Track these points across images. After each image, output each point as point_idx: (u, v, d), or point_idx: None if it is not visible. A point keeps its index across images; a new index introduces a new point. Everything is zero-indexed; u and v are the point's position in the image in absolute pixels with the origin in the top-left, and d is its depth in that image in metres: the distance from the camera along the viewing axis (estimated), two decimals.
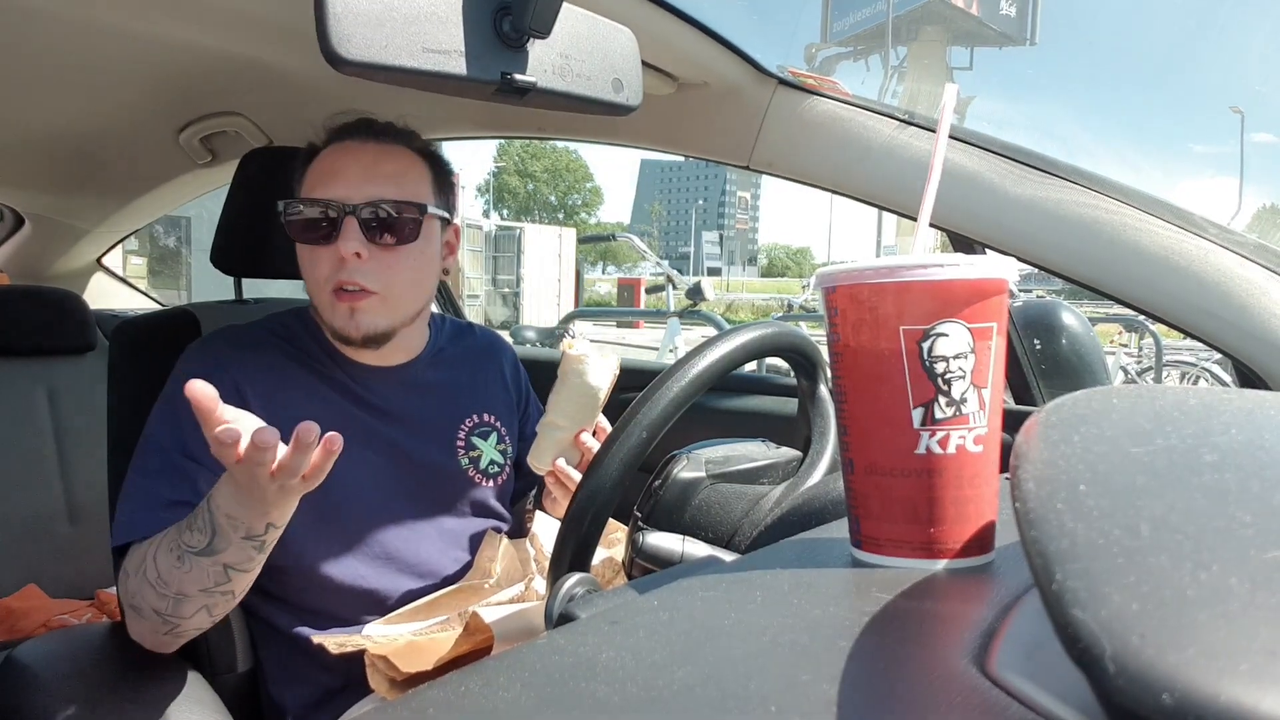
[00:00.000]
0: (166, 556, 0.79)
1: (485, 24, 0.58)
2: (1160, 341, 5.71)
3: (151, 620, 0.83)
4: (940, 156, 0.49)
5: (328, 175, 0.95)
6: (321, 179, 0.95)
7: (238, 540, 0.75)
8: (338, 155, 0.97)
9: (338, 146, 0.98)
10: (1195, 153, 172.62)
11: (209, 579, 0.78)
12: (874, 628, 0.35)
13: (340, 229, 0.92)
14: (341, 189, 0.93)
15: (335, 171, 0.95)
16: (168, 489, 0.87)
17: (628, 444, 0.58)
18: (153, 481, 0.88)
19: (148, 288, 2.89)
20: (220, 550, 0.76)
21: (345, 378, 1.01)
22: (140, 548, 0.84)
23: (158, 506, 0.86)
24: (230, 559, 0.77)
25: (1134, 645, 0.21)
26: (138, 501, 0.87)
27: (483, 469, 1.06)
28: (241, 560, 0.77)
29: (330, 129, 1.00)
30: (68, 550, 1.82)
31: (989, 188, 0.98)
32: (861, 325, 0.45)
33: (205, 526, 0.76)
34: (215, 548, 0.76)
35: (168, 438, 0.90)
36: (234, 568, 0.77)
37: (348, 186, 0.93)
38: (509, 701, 0.31)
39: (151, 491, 0.87)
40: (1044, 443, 0.34)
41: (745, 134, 1.12)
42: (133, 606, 0.84)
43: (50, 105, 1.47)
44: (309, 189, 0.96)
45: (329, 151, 0.98)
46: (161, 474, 0.88)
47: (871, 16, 47.64)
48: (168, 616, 0.82)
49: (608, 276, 46.19)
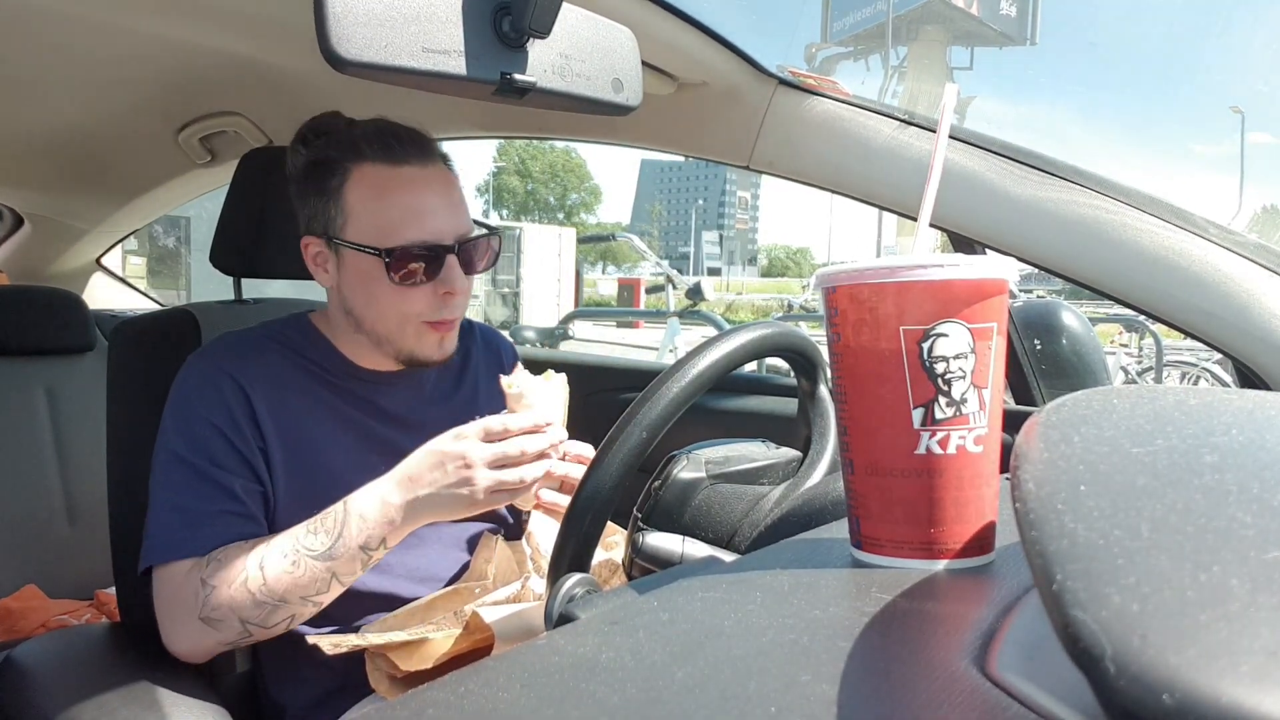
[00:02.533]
0: (278, 562, 0.82)
1: (485, 24, 0.58)
2: (1160, 342, 5.71)
3: (230, 632, 0.83)
4: (940, 156, 0.49)
5: (416, 213, 0.90)
6: (410, 217, 0.90)
7: (355, 549, 0.82)
8: (413, 189, 0.91)
9: (398, 174, 0.91)
10: (1195, 153, 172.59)
11: (313, 586, 0.82)
12: (874, 628, 0.35)
13: (443, 267, 0.91)
14: (435, 226, 0.90)
15: (423, 210, 0.90)
16: (207, 502, 0.87)
17: (628, 444, 0.58)
18: (186, 497, 0.87)
19: (147, 288, 2.89)
20: (337, 556, 0.82)
21: (354, 386, 0.99)
22: (205, 563, 0.83)
23: (201, 521, 0.86)
24: (339, 568, 0.83)
25: (1134, 646, 0.21)
26: (176, 518, 0.86)
27: None
28: (347, 571, 0.83)
29: (370, 142, 0.91)
30: (67, 551, 1.81)
31: (989, 188, 0.98)
32: (862, 325, 0.45)
33: (334, 529, 0.83)
34: (334, 553, 0.82)
35: (189, 450, 0.89)
36: (338, 577, 0.83)
37: (441, 222, 0.91)
38: (509, 701, 0.31)
39: (189, 507, 0.87)
40: (1044, 443, 0.34)
41: (745, 134, 1.12)
42: (208, 619, 0.83)
43: (50, 105, 1.47)
44: (394, 228, 0.89)
45: (391, 178, 0.90)
46: (193, 487, 0.87)
47: (871, 16, 47.66)
48: (253, 625, 0.83)
49: (608, 277, 46.27)
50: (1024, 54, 59.53)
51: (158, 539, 0.87)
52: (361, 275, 0.92)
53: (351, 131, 0.94)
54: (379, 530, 0.83)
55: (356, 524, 0.83)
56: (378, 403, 1.00)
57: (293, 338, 1.00)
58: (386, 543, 0.84)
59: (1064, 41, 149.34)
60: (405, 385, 1.02)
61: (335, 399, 0.98)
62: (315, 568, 0.82)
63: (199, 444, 0.89)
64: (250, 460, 0.90)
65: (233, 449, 0.89)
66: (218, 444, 0.89)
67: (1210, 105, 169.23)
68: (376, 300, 0.92)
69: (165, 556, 0.86)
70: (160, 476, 0.90)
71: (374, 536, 0.83)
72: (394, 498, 0.83)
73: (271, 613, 0.83)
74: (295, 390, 0.96)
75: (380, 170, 0.91)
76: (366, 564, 0.84)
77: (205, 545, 0.85)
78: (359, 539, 0.82)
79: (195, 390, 0.92)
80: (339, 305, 0.97)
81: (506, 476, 0.81)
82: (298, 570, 0.82)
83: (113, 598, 1.62)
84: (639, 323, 12.63)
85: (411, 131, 0.94)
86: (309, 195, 0.94)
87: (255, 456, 0.91)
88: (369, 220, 0.91)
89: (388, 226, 0.90)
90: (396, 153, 0.91)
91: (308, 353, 0.99)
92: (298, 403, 0.95)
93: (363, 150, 0.91)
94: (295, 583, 0.82)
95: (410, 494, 0.83)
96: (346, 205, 0.91)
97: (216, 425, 0.89)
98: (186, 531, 0.86)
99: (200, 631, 0.84)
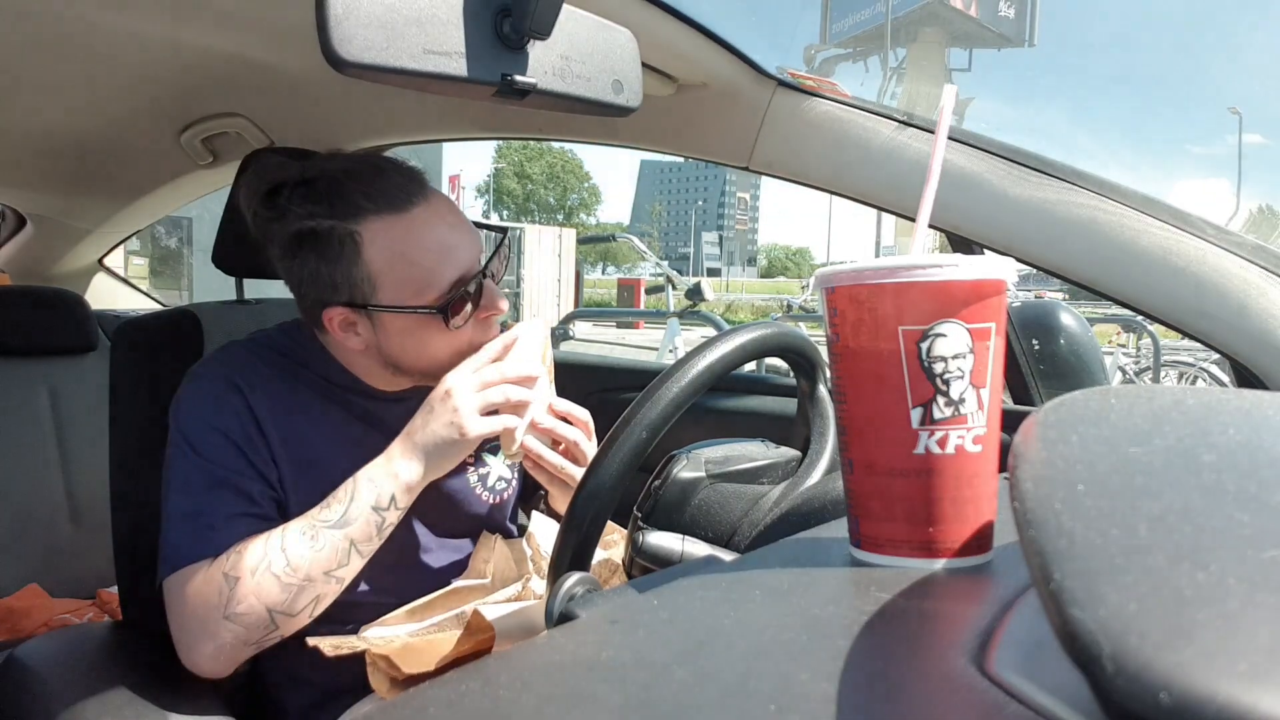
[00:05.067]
0: (298, 539, 0.83)
1: (486, 26, 0.58)
2: (1158, 342, 5.71)
3: (257, 627, 0.82)
4: (939, 157, 0.49)
5: (445, 252, 0.88)
6: (441, 259, 0.87)
7: (368, 510, 0.84)
8: (431, 228, 0.88)
9: (411, 219, 0.87)
10: (1192, 153, 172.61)
11: (334, 559, 0.84)
12: (873, 627, 0.35)
13: (483, 295, 0.91)
14: (464, 257, 0.89)
15: (449, 246, 0.88)
16: (223, 506, 0.86)
17: (628, 444, 0.58)
18: (201, 503, 0.86)
19: (149, 288, 2.89)
20: (352, 520, 0.84)
21: (361, 401, 0.98)
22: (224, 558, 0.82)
23: (218, 524, 0.85)
24: (356, 533, 0.84)
25: (1132, 645, 0.21)
26: (192, 524, 0.85)
27: (490, 486, 1.05)
28: (363, 537, 0.85)
29: (369, 195, 0.86)
30: (69, 550, 1.82)
31: (987, 189, 0.98)
32: (860, 325, 0.45)
33: (345, 497, 0.85)
34: (349, 517, 0.84)
35: (202, 458, 0.87)
36: (355, 545, 0.84)
37: (465, 253, 0.89)
38: (509, 701, 0.31)
39: (205, 512, 0.85)
40: (1042, 443, 0.34)
41: (745, 135, 1.12)
42: (233, 615, 0.81)
43: (52, 106, 1.47)
44: (431, 276, 0.86)
45: (408, 228, 0.86)
46: (208, 493, 0.86)
47: (870, 18, 47.62)
48: (279, 613, 0.82)
49: (608, 277, 46.15)
50: (1023, 55, 59.50)
51: (173, 546, 0.85)
52: (407, 332, 0.90)
53: (340, 189, 0.86)
54: (387, 486, 0.85)
55: (365, 486, 0.85)
56: (385, 419, 0.97)
57: (292, 349, 0.97)
58: (397, 501, 0.85)
59: (1063, 43, 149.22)
60: (416, 401, 1.01)
61: (340, 414, 0.96)
62: (333, 537, 0.83)
63: (212, 453, 0.88)
64: (263, 469, 0.89)
65: (245, 457, 0.89)
66: (231, 452, 0.88)
67: (1207, 106, 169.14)
68: (428, 348, 0.90)
69: (182, 561, 0.84)
70: (174, 488, 0.88)
71: (384, 493, 0.85)
72: (395, 453, 0.86)
73: (298, 595, 0.82)
74: (299, 405, 0.94)
75: (392, 222, 0.86)
76: (381, 527, 0.86)
77: (222, 546, 0.84)
78: (370, 499, 0.85)
79: (202, 402, 0.90)
80: (374, 359, 0.94)
81: (491, 395, 0.85)
82: (318, 543, 0.83)
83: (115, 597, 1.62)
84: (639, 323, 12.62)
85: (394, 164, 0.91)
86: (308, 265, 0.88)
87: (268, 466, 0.90)
88: (403, 276, 0.86)
89: (426, 278, 0.87)
90: (399, 198, 0.87)
91: (311, 365, 0.97)
92: (302, 415, 0.94)
93: (364, 207, 0.86)
94: (317, 557, 0.82)
95: (408, 444, 0.86)
96: (372, 271, 0.86)
97: (228, 435, 0.89)
98: (204, 534, 0.85)
99: (226, 632, 0.81)
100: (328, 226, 0.86)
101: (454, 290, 0.88)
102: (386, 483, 0.85)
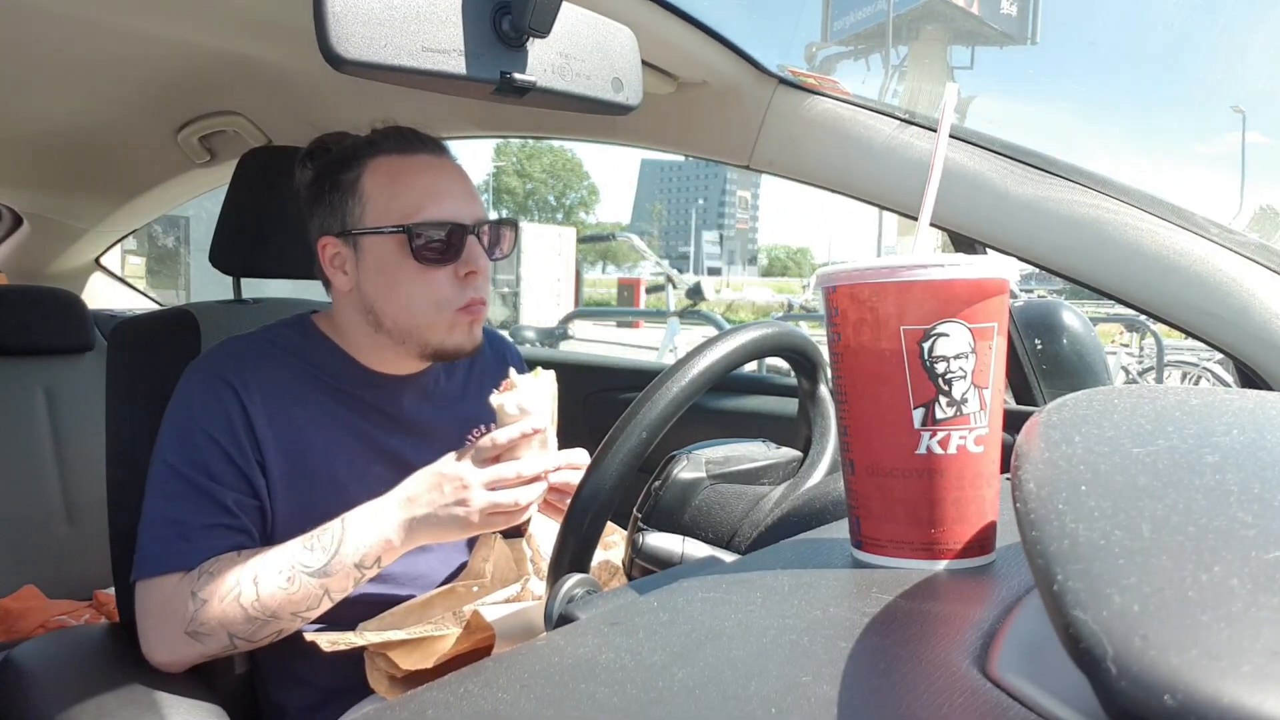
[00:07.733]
0: (273, 577, 0.82)
1: (485, 23, 0.58)
2: (1161, 341, 5.71)
3: (214, 646, 0.83)
4: (941, 156, 0.49)
5: (434, 194, 0.92)
6: (428, 198, 0.91)
7: (349, 566, 0.83)
8: (429, 173, 0.93)
9: (413, 161, 0.93)
10: (1195, 152, 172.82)
11: (305, 603, 0.83)
12: (874, 629, 0.35)
13: (464, 249, 0.92)
14: (454, 208, 0.92)
15: (441, 192, 0.92)
16: (199, 514, 0.87)
17: (628, 444, 0.58)
18: (179, 509, 0.87)
19: (146, 287, 2.88)
20: (332, 573, 0.83)
21: (360, 391, 0.98)
22: (195, 576, 0.83)
23: (193, 535, 0.86)
24: (333, 584, 0.83)
25: (1136, 646, 0.21)
26: (169, 531, 0.86)
27: None
28: (339, 588, 0.84)
29: (385, 136, 0.94)
30: (65, 551, 1.81)
31: (990, 188, 0.98)
32: (862, 325, 0.45)
33: (330, 546, 0.83)
34: (329, 569, 0.83)
35: (184, 461, 0.88)
36: (329, 593, 0.84)
37: (459, 205, 0.92)
38: (509, 702, 0.31)
39: (182, 520, 0.86)
40: (1045, 443, 0.34)
41: (745, 133, 1.12)
42: (194, 633, 0.82)
43: (49, 104, 1.47)
44: (414, 209, 0.91)
45: (407, 165, 0.93)
46: (187, 499, 0.87)
47: (872, 15, 47.66)
48: (240, 639, 0.83)
49: (608, 276, 46.16)
50: (1025, 53, 59.59)
51: (149, 551, 0.86)
52: (382, 263, 0.92)
53: (364, 138, 0.96)
54: (375, 549, 0.84)
55: (353, 541, 0.83)
56: (384, 408, 0.98)
57: (295, 342, 0.98)
58: (381, 561, 0.84)
59: (1066, 40, 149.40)
60: (414, 389, 1.01)
61: (339, 407, 0.97)
62: (309, 584, 0.82)
63: (195, 456, 0.88)
64: (247, 474, 0.90)
65: (229, 462, 0.89)
66: (214, 456, 0.88)
67: (1210, 105, 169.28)
68: (399, 287, 0.92)
69: (156, 569, 0.85)
70: (154, 487, 0.89)
71: (369, 555, 0.84)
72: (392, 517, 0.84)
73: (261, 627, 0.83)
74: (297, 398, 0.94)
75: (395, 159, 0.93)
76: (359, 581, 0.85)
77: (196, 559, 0.85)
78: (354, 557, 0.83)
79: (194, 400, 0.91)
80: (357, 306, 0.95)
81: (502, 498, 0.83)
82: (292, 586, 0.82)
83: (112, 598, 1.62)
84: (639, 322, 12.63)
85: (423, 133, 0.97)
86: (323, 196, 0.95)
87: (253, 470, 0.90)
88: (387, 204, 0.91)
89: (407, 207, 0.91)
90: (411, 143, 0.94)
91: (311, 357, 0.97)
92: (300, 412, 0.94)
93: (378, 144, 0.94)
94: (289, 599, 0.82)
95: (408, 514, 0.84)
96: (364, 195, 0.92)
97: (214, 437, 0.89)
98: (178, 544, 0.85)
99: (184, 644, 0.84)
100: (341, 159, 0.94)
101: (432, 224, 0.90)
102: (375, 547, 0.84)
